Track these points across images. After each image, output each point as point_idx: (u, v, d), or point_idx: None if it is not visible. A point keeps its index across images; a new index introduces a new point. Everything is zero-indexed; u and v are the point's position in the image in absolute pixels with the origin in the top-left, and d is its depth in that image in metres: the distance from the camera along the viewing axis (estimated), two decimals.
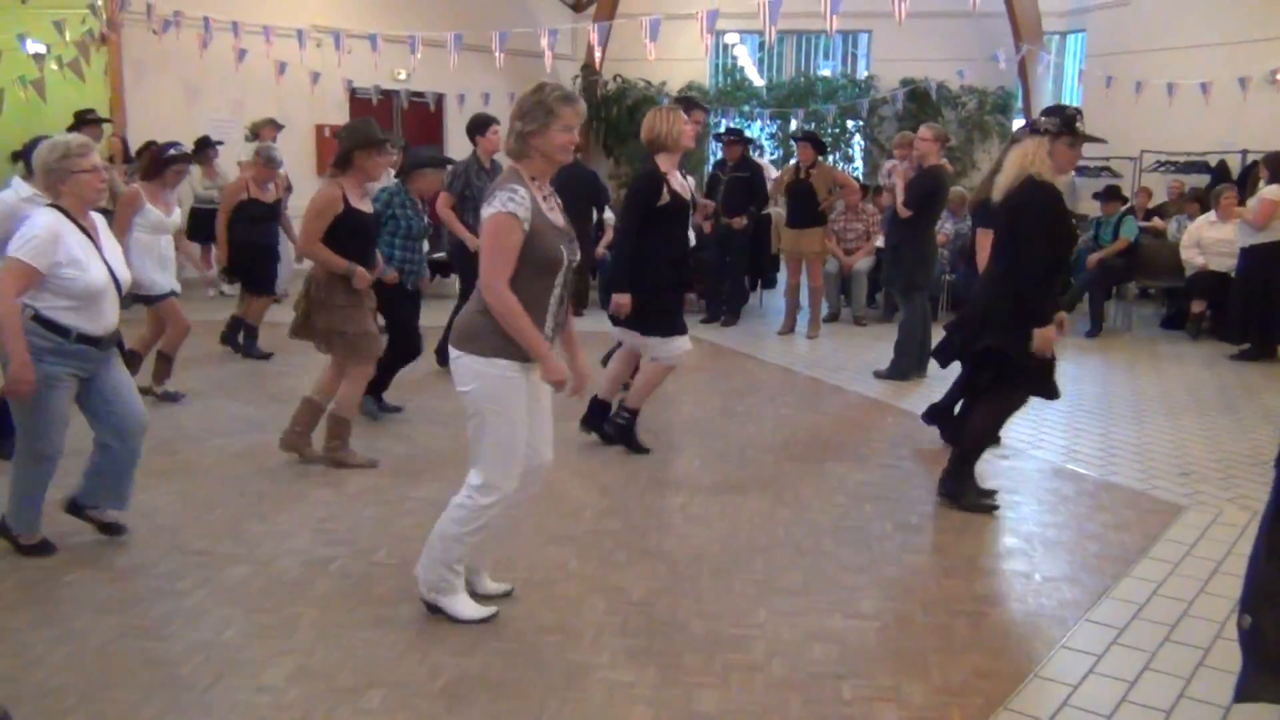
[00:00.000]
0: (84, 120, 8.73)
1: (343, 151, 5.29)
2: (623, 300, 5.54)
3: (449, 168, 7.29)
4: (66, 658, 3.42)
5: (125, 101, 10.95)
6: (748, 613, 3.84)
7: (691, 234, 6.63)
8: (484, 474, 3.53)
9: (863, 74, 15.97)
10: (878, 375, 7.91)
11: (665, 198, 5.49)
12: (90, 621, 3.67)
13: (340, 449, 5.51)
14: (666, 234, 5.56)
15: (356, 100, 13.02)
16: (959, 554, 4.50)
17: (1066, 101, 14.07)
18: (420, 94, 13.54)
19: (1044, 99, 14.35)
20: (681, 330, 5.71)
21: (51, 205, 3.99)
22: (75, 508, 4.35)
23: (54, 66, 10.25)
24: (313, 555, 4.33)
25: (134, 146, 10.03)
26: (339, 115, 12.76)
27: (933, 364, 6.56)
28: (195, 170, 9.80)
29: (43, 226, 3.86)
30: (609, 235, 9.79)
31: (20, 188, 5.52)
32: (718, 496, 5.14)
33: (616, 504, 5.02)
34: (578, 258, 3.64)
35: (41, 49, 10.46)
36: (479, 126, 7.43)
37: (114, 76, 10.87)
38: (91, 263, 3.98)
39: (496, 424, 3.47)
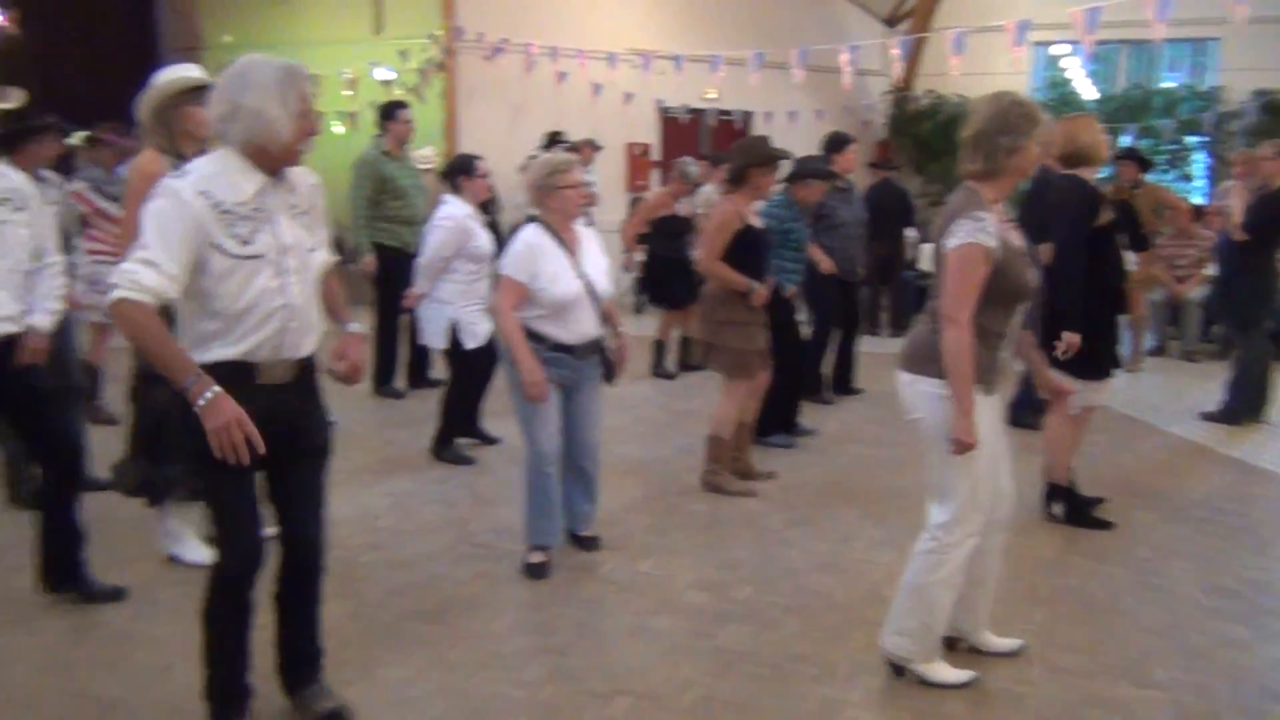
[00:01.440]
0: (555, 140, 9.52)
1: (738, 168, 5.31)
2: (1074, 340, 4.69)
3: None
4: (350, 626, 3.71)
5: (458, 123, 11.85)
6: (1021, 667, 3.54)
7: None
8: (946, 510, 3.22)
9: (1210, 84, 14.51)
10: (1205, 418, 7.13)
11: (1106, 215, 4.89)
12: (379, 597, 3.96)
13: (718, 473, 5.40)
14: (1103, 257, 4.91)
15: (666, 119, 13.40)
16: None
17: None
18: (728, 112, 13.73)
19: None
20: (1112, 369, 5.03)
21: (535, 220, 4.25)
22: (577, 540, 4.53)
23: (398, 92, 11.26)
24: (578, 559, 4.46)
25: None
26: (648, 134, 13.17)
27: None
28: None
29: (522, 242, 4.14)
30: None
31: (457, 205, 5.79)
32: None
33: (889, 536, 4.82)
34: (1038, 282, 3.33)
35: (390, 76, 11.56)
36: (837, 145, 7.18)
37: (449, 100, 11.80)
38: (565, 275, 4.15)
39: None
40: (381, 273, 7.14)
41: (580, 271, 4.21)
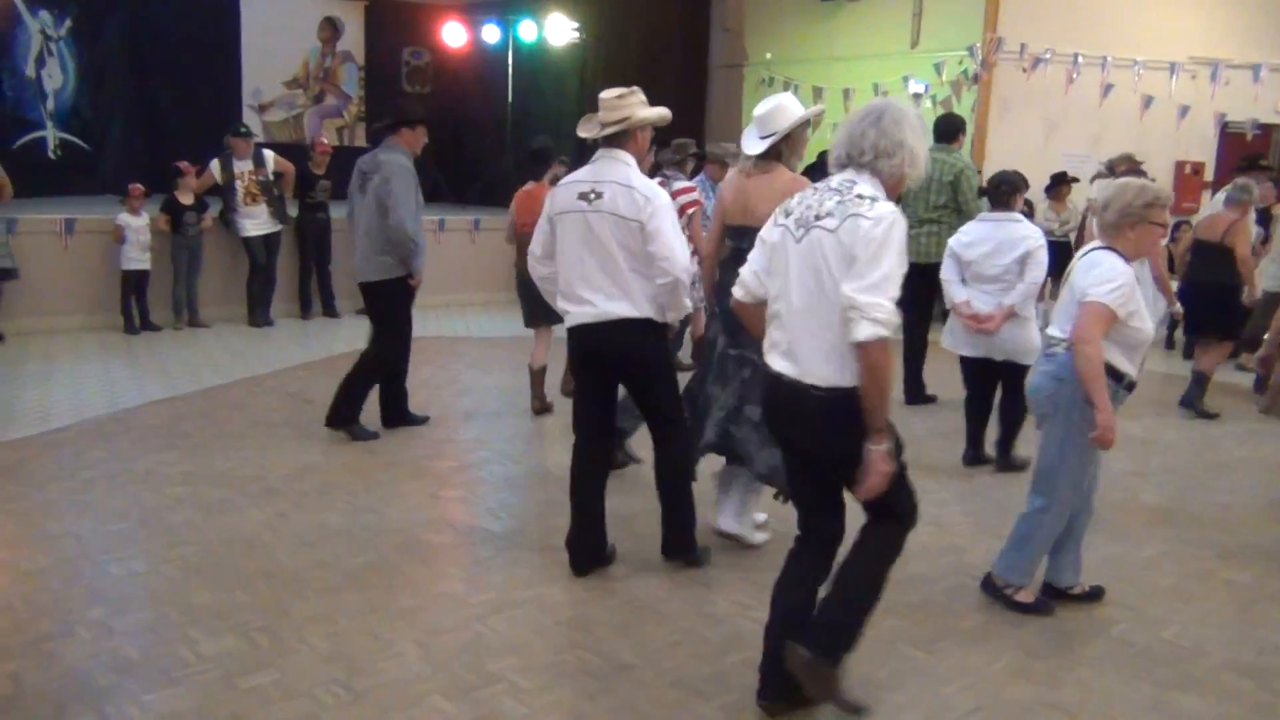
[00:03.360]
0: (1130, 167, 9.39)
1: None
2: None
3: None
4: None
5: (988, 136, 11.47)
6: None
7: None
8: None
9: None
10: None
11: None
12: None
13: None
14: None
15: (1227, 135, 11.94)
16: None
17: None
18: None
19: None
20: None
21: (1108, 248, 3.86)
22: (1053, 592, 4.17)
23: (928, 105, 11.15)
24: (1093, 612, 4.09)
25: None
26: (1203, 151, 11.83)
27: None
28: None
29: (1124, 273, 3.73)
30: None
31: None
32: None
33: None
34: None
35: (920, 89, 11.48)
36: None
37: (981, 113, 11.46)
38: (1148, 313, 3.92)
39: None
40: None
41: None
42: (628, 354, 4.09)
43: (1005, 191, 5.71)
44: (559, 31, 12.50)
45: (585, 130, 4.15)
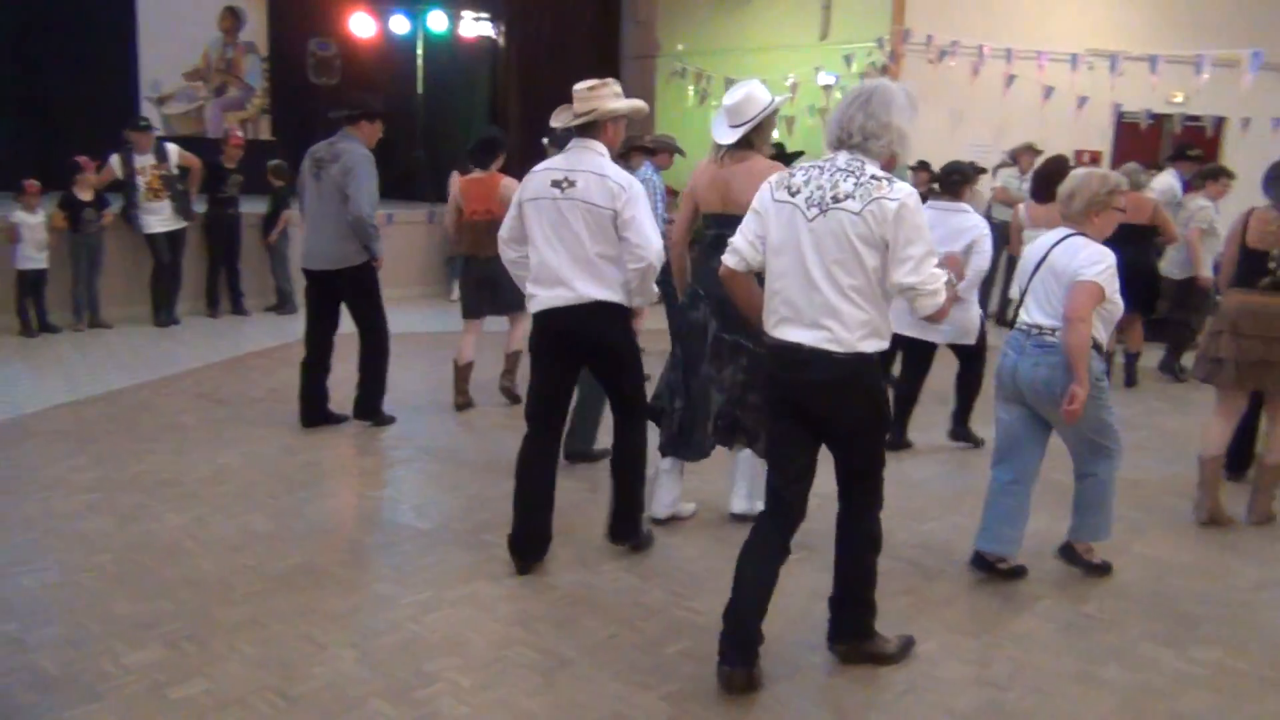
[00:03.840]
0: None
1: None
2: None
3: None
4: (786, 625, 3.76)
5: None
6: None
7: None
8: None
9: None
10: None
11: None
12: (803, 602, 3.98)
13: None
14: None
15: (1123, 125, 12.36)
16: None
17: None
18: (1196, 118, 12.41)
19: None
20: None
21: (1079, 234, 4.07)
22: (983, 563, 4.32)
23: (838, 95, 11.31)
24: (1018, 589, 4.21)
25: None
26: (1101, 141, 12.23)
27: None
28: None
29: (1108, 255, 3.97)
30: None
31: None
32: None
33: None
34: None
35: (831, 80, 11.63)
36: None
37: None
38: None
39: None
40: None
41: None
42: (601, 336, 4.14)
43: (957, 181, 5.95)
44: (469, 22, 12.35)
45: (558, 120, 4.20)
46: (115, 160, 8.97)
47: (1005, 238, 8.37)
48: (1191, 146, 10.06)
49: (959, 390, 6.21)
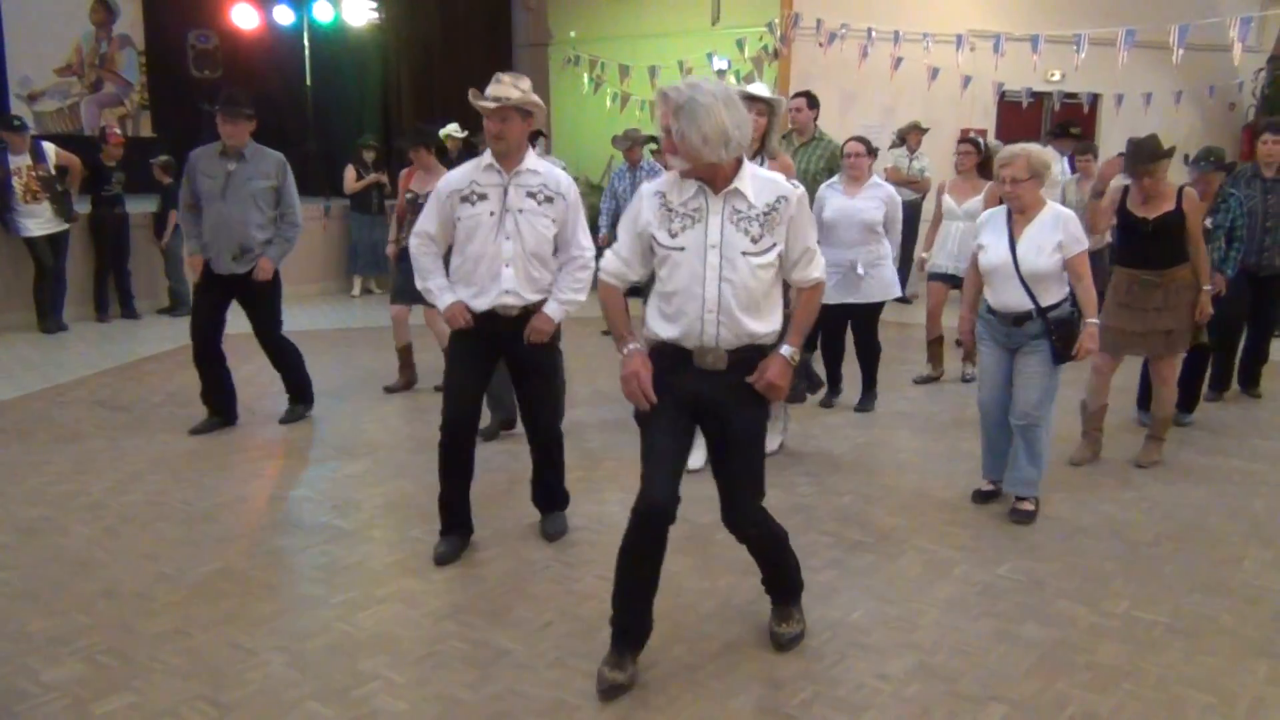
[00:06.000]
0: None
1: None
2: None
3: None
4: (714, 608, 3.81)
5: None
6: None
7: None
8: None
9: None
10: None
11: None
12: (734, 580, 4.03)
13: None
14: None
15: (1005, 103, 12.78)
16: None
17: None
18: (1074, 95, 12.90)
19: None
20: None
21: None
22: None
23: (732, 80, 11.43)
24: (936, 556, 4.35)
25: None
26: (985, 119, 12.62)
27: None
28: None
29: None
30: None
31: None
32: None
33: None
34: None
35: (724, 65, 11.75)
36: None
37: (782, 88, 11.82)
38: (1001, 245, 4.65)
39: None
40: None
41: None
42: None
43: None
44: (357, 11, 12.09)
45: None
46: None
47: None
48: (1074, 123, 10.43)
49: (863, 358, 6.62)
